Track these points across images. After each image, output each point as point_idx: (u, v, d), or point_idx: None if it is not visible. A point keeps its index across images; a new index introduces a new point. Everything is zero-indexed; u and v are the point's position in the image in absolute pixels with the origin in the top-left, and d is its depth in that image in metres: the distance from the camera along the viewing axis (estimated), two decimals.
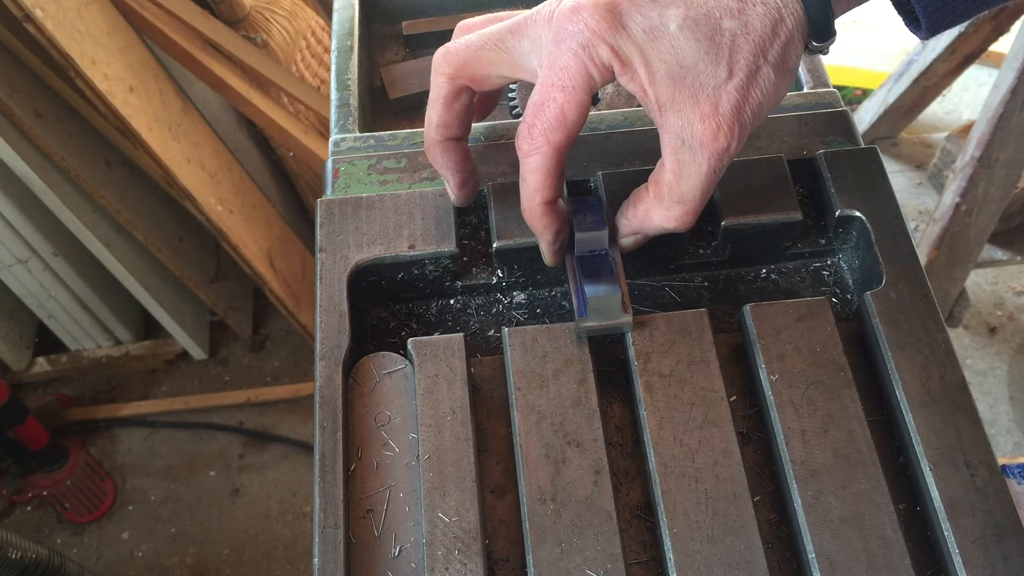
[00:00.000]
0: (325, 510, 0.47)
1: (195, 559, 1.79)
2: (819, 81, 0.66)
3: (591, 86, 0.46)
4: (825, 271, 0.59)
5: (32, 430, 1.74)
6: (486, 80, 0.51)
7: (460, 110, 0.52)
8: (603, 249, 0.53)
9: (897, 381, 0.50)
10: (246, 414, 1.96)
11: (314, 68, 1.73)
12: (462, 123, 0.53)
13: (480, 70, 0.50)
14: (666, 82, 0.45)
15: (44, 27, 1.24)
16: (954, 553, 0.45)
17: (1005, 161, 1.40)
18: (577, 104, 0.46)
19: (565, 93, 0.46)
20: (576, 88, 0.46)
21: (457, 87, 0.51)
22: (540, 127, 0.47)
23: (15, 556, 1.33)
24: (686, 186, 0.48)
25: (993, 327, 2.02)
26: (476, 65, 0.50)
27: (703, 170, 0.47)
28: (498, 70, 0.50)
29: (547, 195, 0.50)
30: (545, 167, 0.48)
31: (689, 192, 0.48)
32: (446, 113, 0.52)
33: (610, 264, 0.53)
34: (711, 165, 0.46)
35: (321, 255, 0.56)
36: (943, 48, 1.55)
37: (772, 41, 0.45)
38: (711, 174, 0.47)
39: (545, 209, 0.51)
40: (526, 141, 0.48)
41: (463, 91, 0.51)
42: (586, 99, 0.46)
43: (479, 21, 0.52)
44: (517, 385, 0.51)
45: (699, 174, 0.47)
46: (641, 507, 0.50)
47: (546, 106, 0.46)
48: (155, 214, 1.73)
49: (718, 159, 0.46)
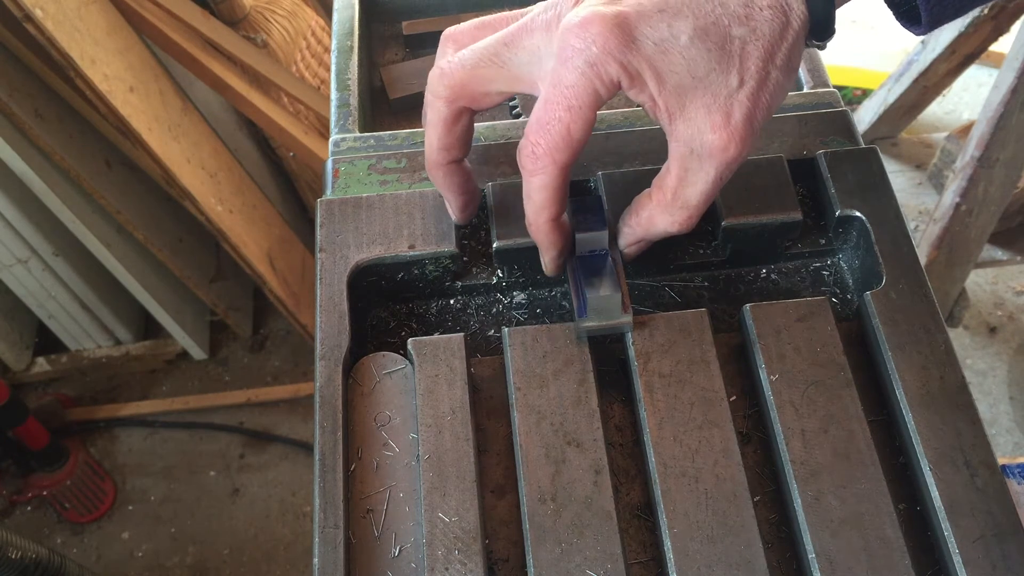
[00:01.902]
0: (325, 510, 0.47)
1: (195, 559, 1.79)
2: (819, 81, 0.66)
3: (597, 103, 0.45)
4: (825, 271, 0.59)
5: (32, 430, 1.74)
6: (485, 98, 0.49)
7: (460, 132, 0.51)
8: (603, 249, 0.53)
9: (897, 381, 0.50)
10: (246, 414, 1.96)
11: (314, 68, 1.73)
12: (463, 144, 0.52)
13: (478, 88, 0.48)
14: (677, 93, 0.44)
15: (44, 27, 1.24)
16: (954, 553, 0.45)
17: (1005, 161, 1.40)
18: (583, 123, 0.45)
19: (571, 112, 0.44)
20: (583, 107, 0.44)
21: (456, 110, 0.50)
22: (545, 146, 0.46)
23: (15, 556, 1.33)
24: (691, 193, 0.47)
25: (993, 327, 2.02)
26: (474, 85, 0.48)
27: (710, 178, 0.46)
28: (496, 86, 0.48)
29: (552, 212, 0.49)
30: (551, 186, 0.47)
31: (695, 198, 0.48)
32: (447, 136, 0.51)
33: (610, 264, 0.53)
34: (719, 173, 0.46)
35: (321, 255, 0.56)
36: (943, 48, 1.55)
37: (780, 45, 0.44)
38: (718, 182, 0.47)
39: (551, 226, 0.50)
40: (530, 160, 0.46)
41: (463, 113, 0.50)
42: (592, 117, 0.45)
43: (467, 30, 0.51)
44: (517, 385, 0.51)
45: (706, 182, 0.47)
46: (641, 507, 0.50)
47: (551, 125, 0.45)
48: (155, 214, 1.73)
49: (727, 168, 0.46)
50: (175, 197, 1.59)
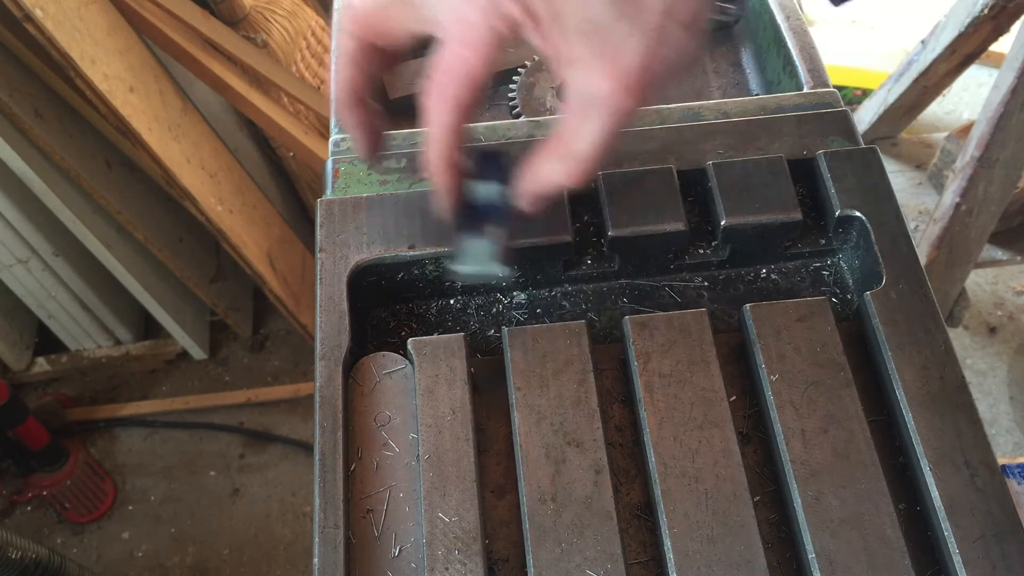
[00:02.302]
0: (325, 510, 0.47)
1: (195, 559, 1.79)
2: (819, 81, 0.65)
3: (497, 42, 0.45)
4: (825, 271, 0.59)
5: (32, 430, 1.74)
6: (393, 36, 0.49)
7: (368, 69, 0.51)
8: (497, 200, 0.53)
9: (897, 381, 0.50)
10: (246, 414, 1.96)
11: (314, 68, 1.73)
12: (370, 82, 0.52)
13: (386, 25, 0.49)
14: (575, 37, 0.44)
15: (44, 27, 1.24)
16: (954, 553, 0.45)
17: (1005, 161, 1.40)
18: (482, 60, 0.45)
19: (470, 49, 0.45)
20: (482, 44, 0.45)
21: (363, 45, 0.50)
22: (446, 84, 0.46)
23: (15, 556, 1.33)
24: (582, 143, 0.47)
25: (993, 327, 2.02)
26: (381, 21, 0.49)
27: (601, 128, 0.46)
28: (405, 24, 0.48)
29: (449, 152, 0.49)
30: (451, 125, 0.48)
31: (585, 149, 0.47)
32: (353, 72, 0.51)
33: (498, 214, 0.52)
34: (610, 123, 0.46)
35: (321, 255, 0.56)
36: (943, 48, 1.55)
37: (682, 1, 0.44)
38: (610, 133, 0.46)
39: (446, 165, 0.50)
40: (433, 99, 0.47)
41: (370, 49, 0.50)
42: (491, 55, 0.45)
43: None
44: (517, 385, 0.51)
45: (597, 131, 0.46)
46: (641, 507, 0.50)
47: (452, 62, 0.45)
48: (155, 214, 1.73)
49: (618, 118, 0.45)
50: (175, 197, 1.59)
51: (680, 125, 0.61)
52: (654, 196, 0.56)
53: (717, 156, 0.59)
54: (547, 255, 0.56)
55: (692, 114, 0.63)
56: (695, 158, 0.59)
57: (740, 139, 0.60)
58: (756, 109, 0.63)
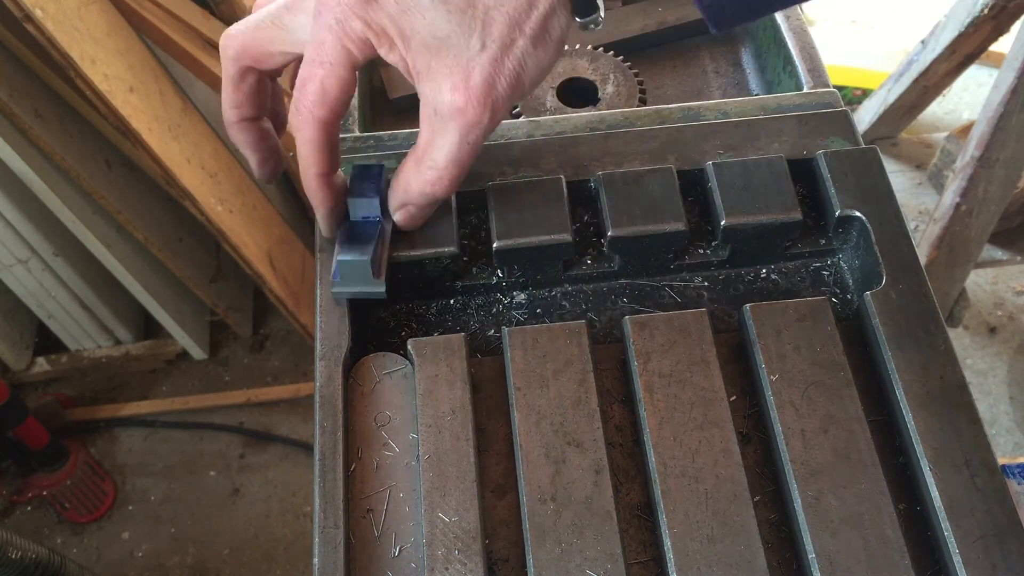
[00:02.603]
0: (325, 510, 0.47)
1: (195, 559, 1.79)
2: (819, 81, 0.66)
3: (351, 61, 0.47)
4: (825, 271, 0.59)
5: (32, 430, 1.74)
6: (268, 59, 0.51)
7: (248, 90, 0.53)
8: (376, 217, 0.54)
9: (897, 381, 0.50)
10: (246, 414, 1.96)
11: None
12: (253, 103, 0.54)
13: (260, 49, 0.51)
14: (422, 51, 0.46)
15: (44, 27, 1.24)
16: (954, 553, 0.45)
17: (1005, 161, 1.40)
18: (337, 79, 0.47)
19: (324, 68, 0.47)
20: (335, 64, 0.46)
21: (241, 68, 0.52)
22: (304, 103, 0.48)
23: (15, 556, 1.33)
24: (439, 154, 0.49)
25: (993, 327, 2.02)
26: (255, 45, 0.51)
27: (454, 139, 0.47)
28: (278, 47, 0.50)
29: (320, 168, 0.51)
30: (314, 141, 0.49)
31: (441, 159, 0.49)
32: (235, 94, 0.53)
33: (375, 232, 0.53)
34: (461, 135, 0.47)
35: (321, 255, 0.56)
36: (943, 48, 1.55)
37: (528, 14, 0.45)
38: (463, 144, 0.48)
39: (320, 182, 0.51)
40: (294, 116, 0.49)
41: (248, 72, 0.52)
42: (346, 74, 0.47)
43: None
44: (517, 385, 0.51)
45: (451, 143, 0.48)
46: (641, 507, 0.50)
47: (310, 82, 0.47)
48: (155, 214, 1.73)
49: (468, 130, 0.47)
50: (175, 197, 1.59)
51: (680, 125, 0.61)
52: (654, 196, 0.57)
53: (717, 156, 0.59)
54: (547, 255, 0.56)
55: (692, 114, 0.63)
56: (695, 158, 0.59)
57: (740, 139, 0.60)
58: (756, 109, 0.63)
